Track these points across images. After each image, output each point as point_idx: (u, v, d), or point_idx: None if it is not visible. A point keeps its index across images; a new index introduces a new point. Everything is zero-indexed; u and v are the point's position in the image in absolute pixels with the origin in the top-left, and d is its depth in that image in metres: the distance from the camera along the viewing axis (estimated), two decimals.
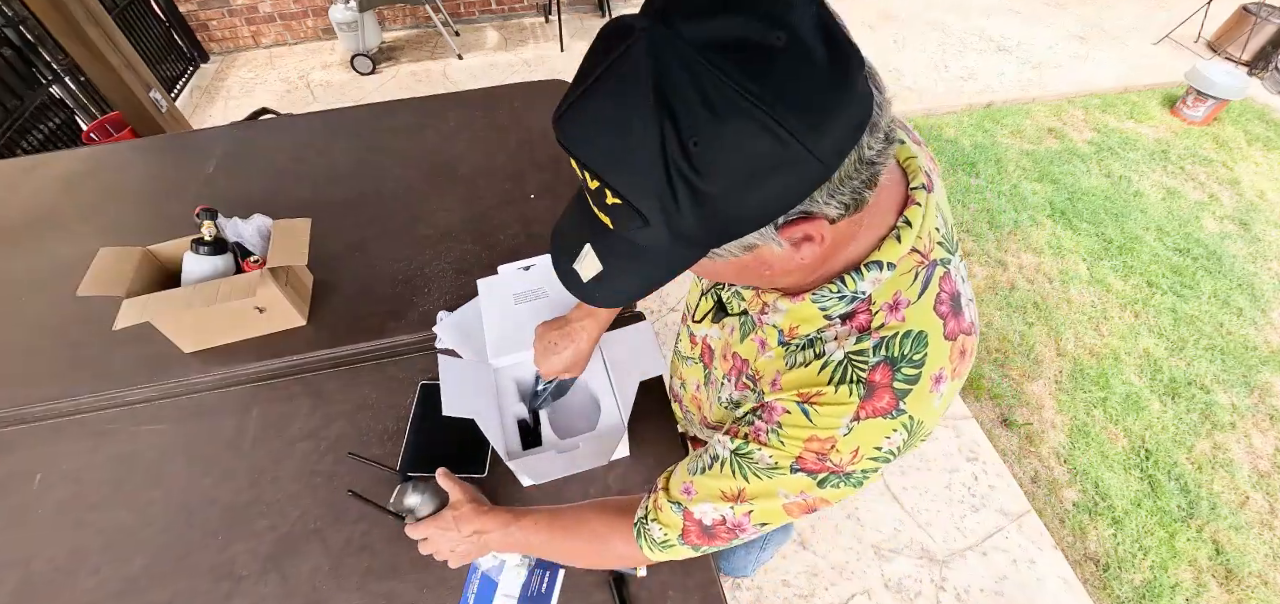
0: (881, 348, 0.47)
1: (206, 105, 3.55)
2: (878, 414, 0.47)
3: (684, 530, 0.59)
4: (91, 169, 1.49)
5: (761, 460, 0.52)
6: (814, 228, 0.38)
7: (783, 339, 0.54)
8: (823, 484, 0.50)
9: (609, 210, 0.38)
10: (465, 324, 1.02)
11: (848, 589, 1.64)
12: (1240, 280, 2.48)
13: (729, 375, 0.64)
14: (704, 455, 0.58)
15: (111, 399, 0.98)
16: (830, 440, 0.48)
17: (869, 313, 0.48)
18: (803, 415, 0.49)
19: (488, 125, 1.53)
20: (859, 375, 0.47)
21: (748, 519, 0.55)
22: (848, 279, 0.47)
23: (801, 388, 0.50)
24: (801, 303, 0.50)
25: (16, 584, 0.79)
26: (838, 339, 0.49)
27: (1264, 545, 1.75)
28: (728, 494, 0.55)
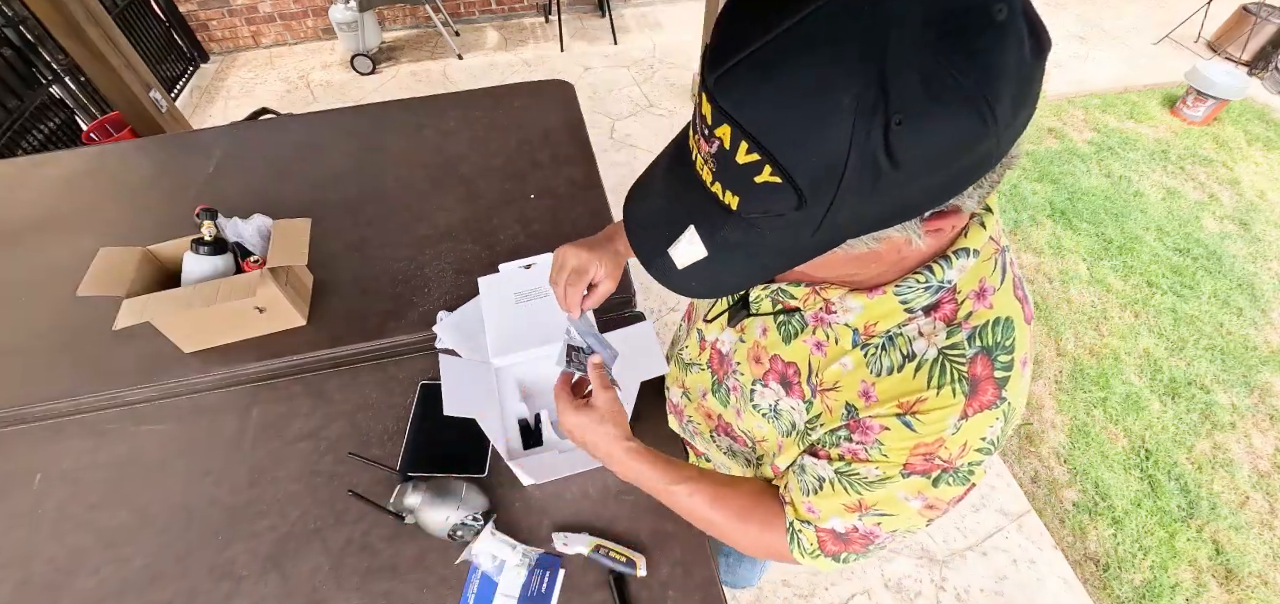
0: (975, 338, 0.46)
1: (206, 105, 3.55)
2: (983, 408, 0.45)
3: (820, 543, 0.57)
4: (91, 169, 1.49)
5: (868, 475, 0.50)
6: (950, 222, 0.36)
7: (859, 340, 0.50)
8: (936, 482, 0.49)
9: (748, 189, 0.34)
10: (465, 324, 1.02)
11: (848, 589, 1.63)
12: (1240, 280, 2.48)
13: (765, 381, 0.60)
14: (805, 475, 0.56)
15: (111, 399, 0.98)
16: (938, 441, 0.46)
17: (955, 302, 0.46)
18: (904, 428, 0.47)
19: (488, 125, 1.53)
20: (959, 371, 0.45)
21: (878, 527, 0.53)
22: (936, 268, 0.45)
23: (900, 398, 0.47)
24: (881, 297, 0.47)
25: (16, 584, 0.79)
26: (925, 335, 0.47)
27: (1264, 545, 1.75)
28: (850, 506, 0.53)
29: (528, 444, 0.85)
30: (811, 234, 0.35)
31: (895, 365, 0.48)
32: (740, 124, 0.32)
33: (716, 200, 0.36)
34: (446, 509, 0.74)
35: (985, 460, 0.48)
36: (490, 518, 0.78)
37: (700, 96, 0.34)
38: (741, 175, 0.33)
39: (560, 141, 1.47)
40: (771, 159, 0.31)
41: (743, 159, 0.33)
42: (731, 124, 0.32)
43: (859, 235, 0.36)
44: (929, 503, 0.51)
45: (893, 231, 0.36)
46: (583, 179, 1.35)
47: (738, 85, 0.31)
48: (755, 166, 0.32)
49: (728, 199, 0.35)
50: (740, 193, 0.34)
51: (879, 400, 0.48)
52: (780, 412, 0.60)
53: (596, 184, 1.34)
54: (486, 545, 0.74)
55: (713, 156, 0.35)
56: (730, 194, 0.35)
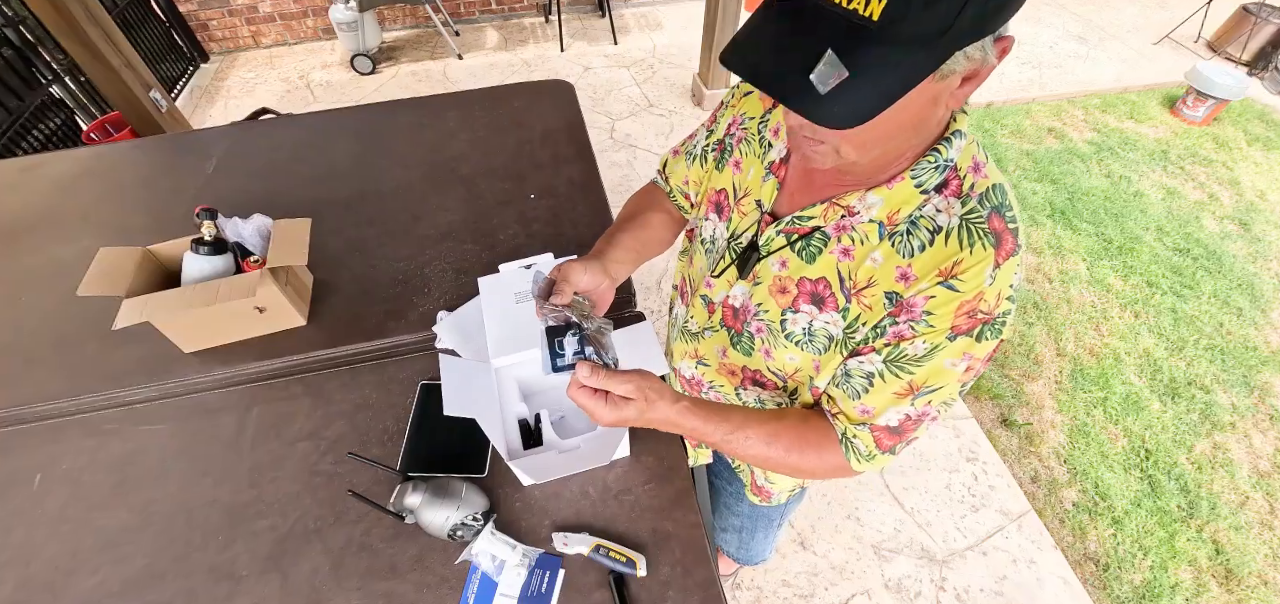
0: (984, 201, 0.53)
1: (206, 105, 3.55)
2: (1008, 255, 0.52)
3: (876, 441, 0.62)
4: (91, 169, 1.49)
5: (916, 351, 0.56)
6: (1002, 51, 0.43)
7: (885, 231, 0.57)
8: (979, 337, 0.54)
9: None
10: (465, 324, 1.02)
11: (848, 589, 1.63)
12: (1240, 280, 2.48)
13: (795, 306, 0.64)
14: (852, 380, 0.61)
15: (111, 399, 0.98)
16: (978, 295, 0.52)
17: (958, 178, 0.54)
18: (948, 291, 0.53)
19: (488, 125, 1.53)
20: (982, 229, 0.52)
21: (928, 406, 0.59)
22: (941, 148, 0.53)
23: (938, 267, 0.53)
24: (899, 184, 0.54)
25: (16, 584, 0.79)
26: (942, 210, 0.54)
27: (1264, 545, 1.75)
28: (901, 393, 0.58)
29: (528, 444, 0.85)
30: (933, 44, 0.39)
31: (925, 242, 0.54)
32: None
33: (853, 19, 0.39)
34: (446, 509, 0.74)
35: (1012, 311, 0.55)
36: (490, 518, 0.78)
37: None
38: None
39: (560, 141, 1.47)
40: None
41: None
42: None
43: (965, 46, 0.40)
44: (969, 363, 0.56)
45: (974, 50, 0.41)
46: (583, 179, 1.35)
47: None
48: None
49: (871, 10, 0.38)
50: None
51: (919, 277, 0.54)
52: (814, 332, 0.64)
53: (596, 184, 1.34)
54: (486, 545, 0.74)
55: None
56: (877, 2, 0.38)
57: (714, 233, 0.75)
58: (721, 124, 0.76)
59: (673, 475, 0.85)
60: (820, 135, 0.50)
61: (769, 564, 1.67)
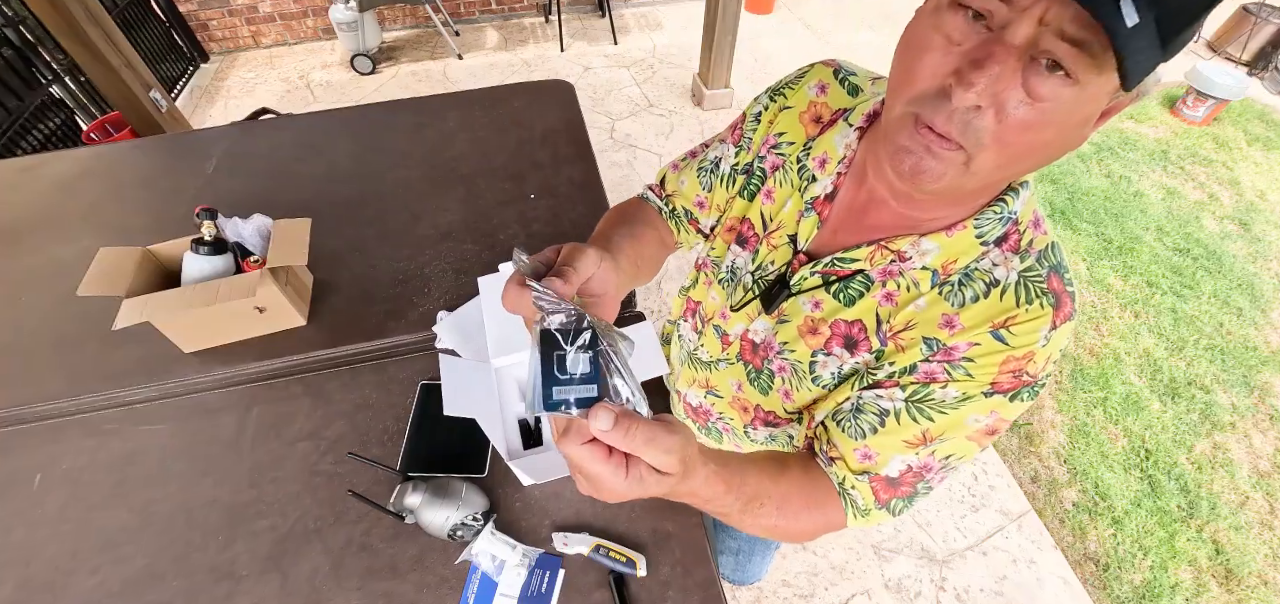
0: (1043, 259, 0.50)
1: (206, 105, 3.55)
2: (1065, 320, 0.49)
3: (875, 492, 0.58)
4: (91, 169, 1.49)
5: (946, 397, 0.52)
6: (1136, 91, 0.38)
7: (937, 280, 0.53)
8: (1014, 399, 0.51)
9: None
10: (465, 324, 1.02)
11: (848, 589, 1.63)
12: (1240, 280, 2.48)
13: (827, 349, 0.60)
14: (863, 415, 0.56)
15: (111, 399, 0.98)
16: (1028, 354, 0.49)
17: (1018, 233, 0.51)
18: (997, 342, 0.50)
19: (488, 125, 1.53)
20: (1042, 288, 0.49)
21: (933, 458, 0.55)
22: (1007, 199, 0.50)
23: (990, 319, 0.50)
24: (960, 233, 0.51)
25: (16, 584, 0.79)
26: (999, 264, 0.51)
27: (1264, 545, 1.75)
28: (911, 441, 0.54)
29: (528, 444, 0.85)
30: (1164, 47, 0.34)
31: (979, 294, 0.51)
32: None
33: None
34: (446, 509, 0.74)
35: (1053, 372, 0.53)
36: (490, 518, 0.78)
37: None
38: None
39: (560, 141, 1.47)
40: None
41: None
42: None
43: (1169, 58, 0.35)
44: (993, 426, 0.52)
45: (1160, 71, 0.37)
46: (583, 179, 1.35)
47: None
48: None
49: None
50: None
51: (966, 326, 0.51)
52: (843, 373, 0.61)
53: (596, 184, 1.34)
54: (486, 545, 0.74)
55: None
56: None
57: (734, 263, 0.70)
58: (752, 143, 0.68)
59: None
60: (966, 136, 0.41)
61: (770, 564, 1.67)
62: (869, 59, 3.91)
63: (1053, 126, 0.40)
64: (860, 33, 4.16)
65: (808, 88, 0.65)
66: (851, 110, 0.61)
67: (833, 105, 0.63)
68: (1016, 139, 0.41)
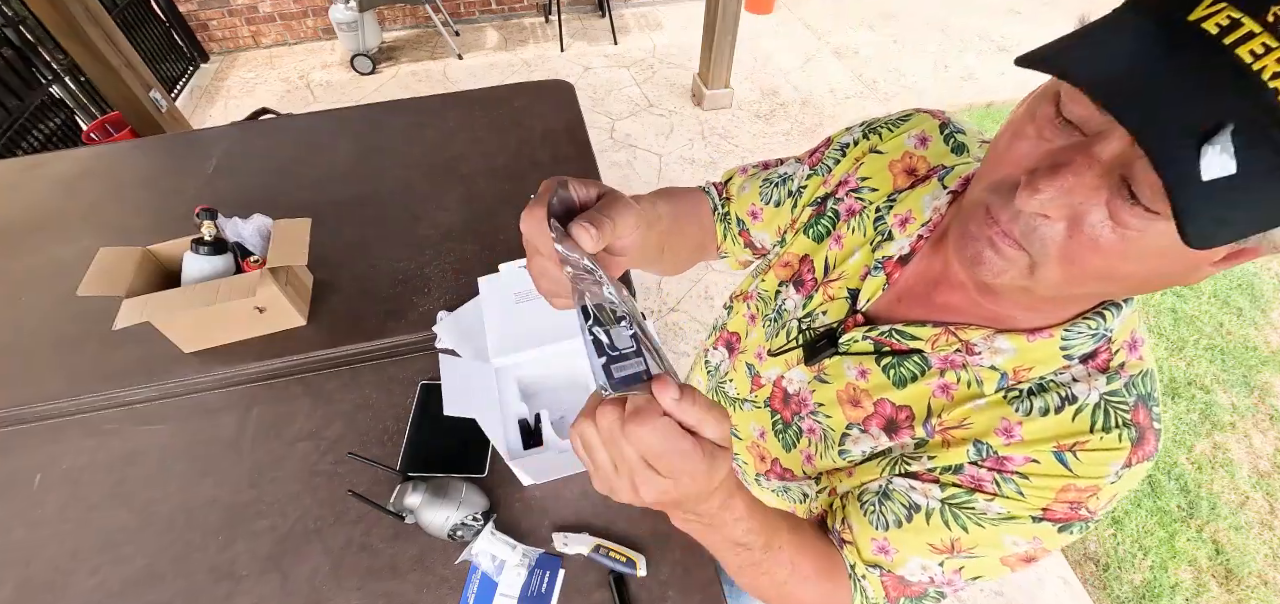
0: (1132, 388, 0.44)
1: (206, 105, 3.55)
2: (1145, 458, 0.43)
3: (886, 588, 0.52)
4: (91, 169, 1.49)
5: (989, 511, 0.46)
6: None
7: (1006, 383, 0.46)
8: (1063, 530, 0.45)
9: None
10: (465, 324, 1.02)
11: None
12: (1240, 280, 2.48)
13: (865, 426, 0.54)
14: (891, 503, 0.50)
15: (111, 399, 0.98)
16: (1092, 488, 0.43)
17: (1109, 352, 0.45)
18: (1060, 465, 0.43)
19: (488, 125, 1.53)
20: (1124, 418, 0.43)
21: (959, 575, 0.49)
22: (1107, 314, 0.43)
23: (1059, 439, 0.44)
24: (1043, 341, 0.44)
25: (16, 584, 0.79)
26: (1081, 381, 0.44)
27: (1264, 545, 1.75)
28: (938, 546, 0.48)
29: (528, 444, 0.85)
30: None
31: (1051, 407, 0.44)
32: None
33: (1271, 100, 0.26)
34: (446, 509, 0.74)
35: (1114, 510, 0.46)
36: (490, 518, 0.78)
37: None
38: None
39: (560, 141, 1.47)
40: None
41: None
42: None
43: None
44: (1031, 554, 0.47)
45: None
46: None
47: None
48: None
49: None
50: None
51: (1027, 440, 0.45)
52: (873, 455, 0.54)
53: None
54: (486, 545, 0.74)
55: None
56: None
57: (785, 304, 0.64)
58: (832, 176, 0.62)
59: None
60: (1030, 241, 0.36)
61: None
62: (869, 58, 3.92)
63: (1135, 259, 0.33)
64: (860, 32, 4.16)
65: (906, 136, 0.58)
66: (950, 170, 0.54)
67: (931, 160, 0.56)
68: (1087, 260, 0.35)
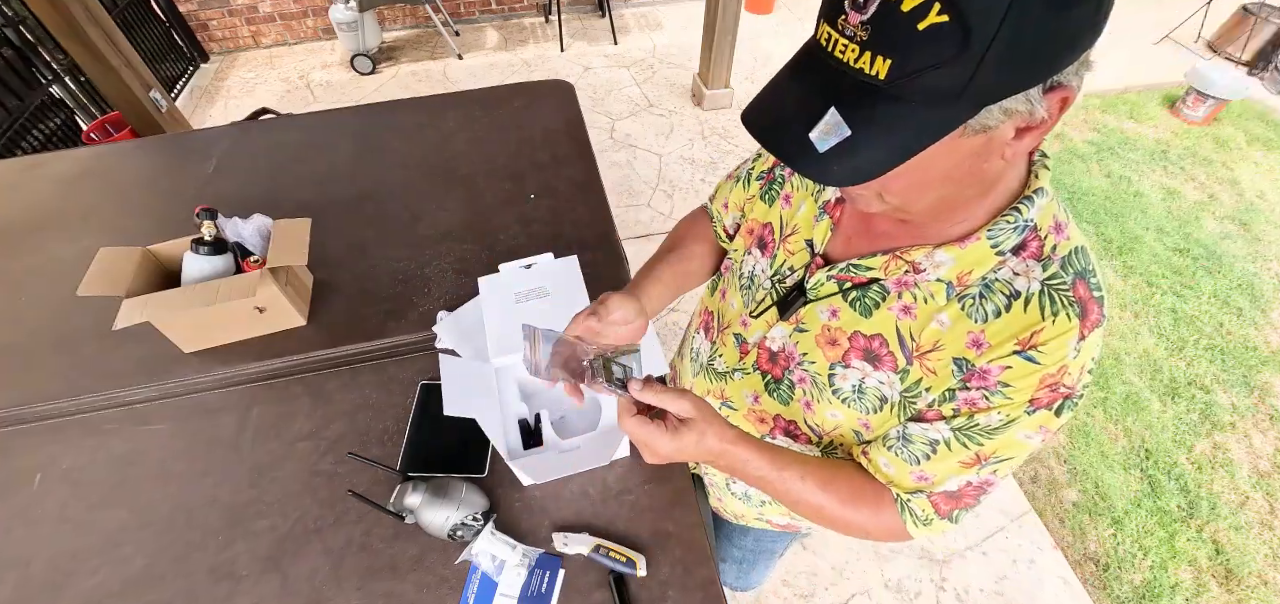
0: (1067, 266, 0.49)
1: (206, 105, 3.55)
2: (1094, 327, 0.48)
3: (935, 506, 0.59)
4: (91, 169, 1.49)
5: (990, 422, 0.52)
6: (1061, 101, 0.38)
7: (954, 292, 0.52)
8: (1059, 411, 0.51)
9: (908, 42, 0.35)
10: (465, 324, 1.02)
11: (848, 589, 1.63)
12: (1240, 280, 2.48)
13: (846, 361, 0.60)
14: (912, 445, 0.57)
15: (111, 399, 0.98)
16: (1061, 369, 0.49)
17: (1038, 239, 0.50)
18: (1028, 363, 0.49)
19: (488, 125, 1.53)
20: (1067, 297, 0.48)
21: (995, 475, 0.56)
22: (1021, 208, 0.49)
23: (1016, 336, 0.49)
24: (974, 244, 0.50)
25: (16, 584, 0.79)
26: (1020, 274, 0.50)
27: (1264, 545, 1.75)
28: (966, 463, 0.54)
29: (528, 444, 0.85)
30: (954, 100, 0.37)
31: (1001, 308, 0.50)
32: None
33: (860, 77, 0.38)
34: (446, 509, 0.74)
35: (1090, 382, 0.52)
36: (490, 518, 0.78)
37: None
38: (903, 27, 0.35)
39: (560, 141, 1.47)
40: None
41: (909, 4, 0.34)
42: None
43: (998, 100, 0.37)
44: (1047, 434, 0.52)
45: (1018, 103, 0.37)
46: (583, 179, 1.35)
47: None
48: (922, 9, 0.34)
49: (877, 67, 0.37)
50: (895, 52, 0.36)
51: (993, 345, 0.50)
52: (866, 390, 0.59)
53: (596, 184, 1.34)
54: (486, 545, 0.74)
55: (867, 22, 0.36)
56: (881, 60, 0.36)
57: (754, 269, 0.71)
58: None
59: (673, 475, 0.85)
60: (863, 197, 0.48)
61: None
62: None
63: (911, 176, 0.42)
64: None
65: None
66: None
67: None
68: (897, 185, 0.45)
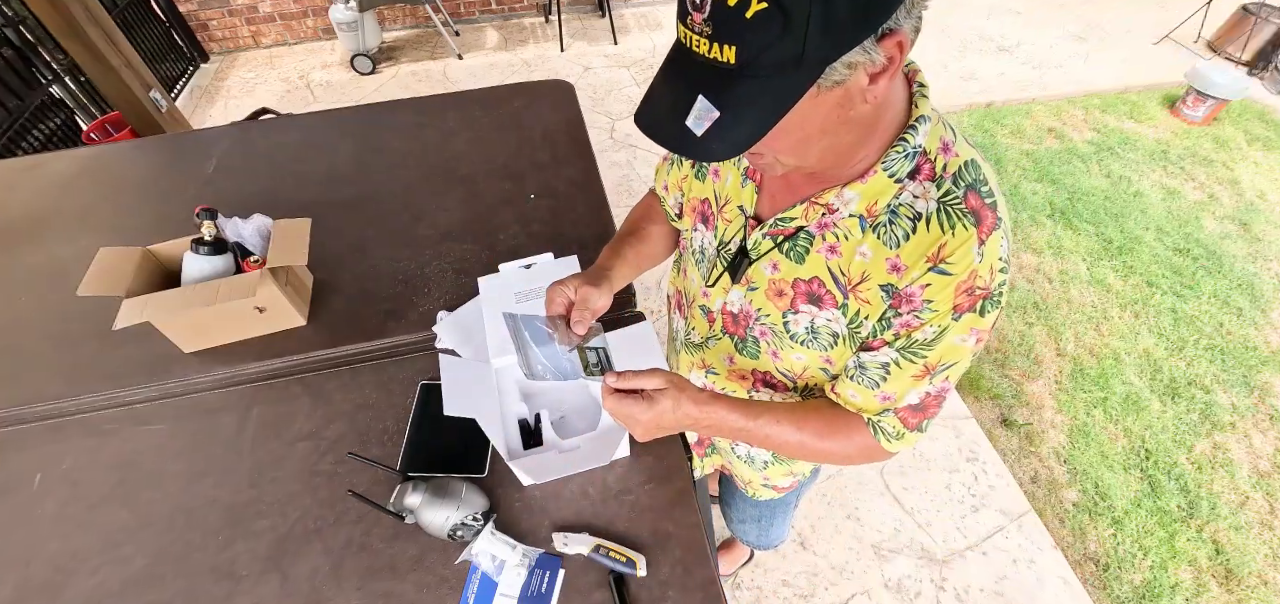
0: (958, 180, 0.54)
1: (206, 105, 3.55)
2: (991, 231, 0.53)
3: (902, 420, 0.64)
4: (91, 169, 1.49)
5: (926, 336, 0.57)
6: (896, 43, 0.42)
7: (866, 224, 0.57)
8: (982, 312, 0.55)
9: (743, 30, 0.39)
10: (465, 324, 1.02)
11: (848, 589, 1.63)
12: (1240, 280, 2.48)
13: (794, 307, 0.65)
14: (867, 372, 0.62)
15: (111, 399, 0.98)
16: (971, 273, 0.53)
17: (929, 162, 0.55)
18: (940, 276, 0.54)
19: (488, 125, 1.53)
20: (960, 209, 0.53)
21: (946, 381, 0.61)
22: (907, 136, 0.53)
23: (925, 254, 0.54)
24: (873, 178, 0.55)
25: (16, 584, 0.79)
26: (919, 197, 0.55)
27: (1264, 545, 1.75)
28: (917, 376, 0.60)
29: (528, 444, 0.85)
30: (797, 66, 0.41)
31: (908, 231, 0.55)
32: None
33: (716, 65, 0.42)
34: (446, 509, 0.74)
35: (1007, 279, 0.56)
36: (490, 518, 0.78)
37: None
38: (733, 18, 0.39)
39: (560, 141, 1.47)
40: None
41: (732, 1, 0.39)
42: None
43: (832, 61, 0.41)
44: (980, 334, 0.58)
45: (856, 55, 0.41)
46: (583, 179, 1.35)
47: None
48: (744, 3, 0.38)
49: (726, 55, 0.41)
50: (736, 39, 0.40)
51: (909, 266, 0.55)
52: (818, 330, 0.65)
53: (596, 184, 1.34)
54: (486, 545, 0.74)
55: (707, 19, 0.40)
56: (727, 48, 0.41)
57: (703, 243, 0.76)
58: None
59: (673, 475, 0.85)
60: (754, 151, 0.51)
61: (769, 564, 1.67)
62: None
63: (790, 137, 0.47)
64: None
65: None
66: None
67: None
68: (784, 147, 0.50)
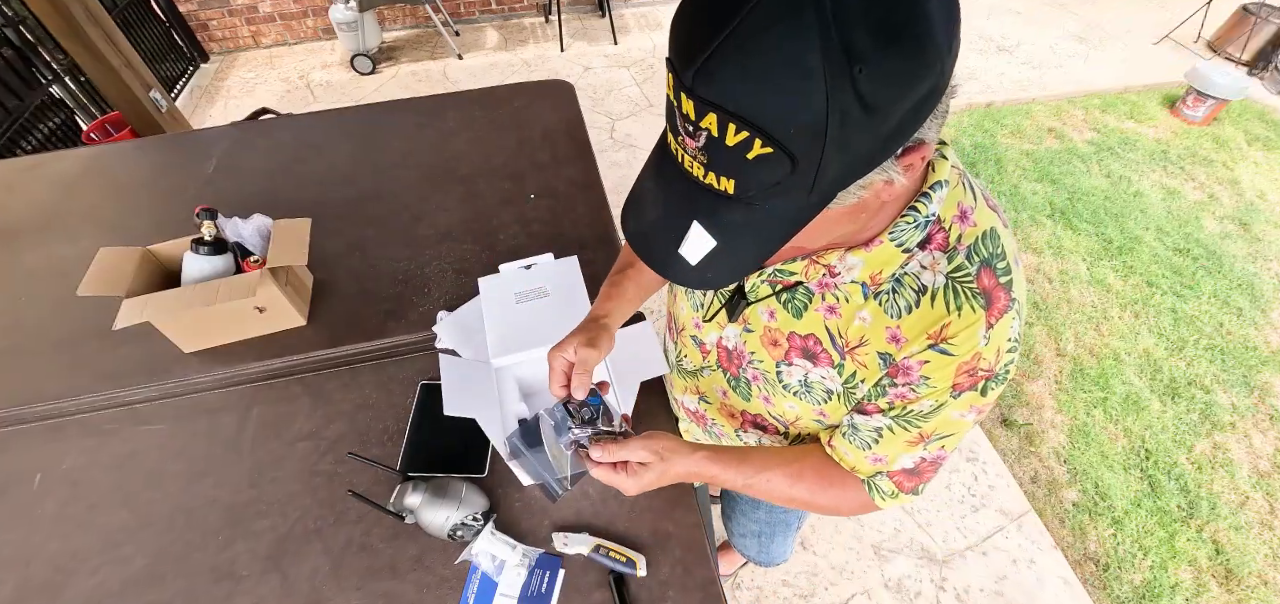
0: (973, 255, 0.50)
1: (206, 105, 3.55)
2: (1001, 313, 0.49)
3: (897, 483, 0.62)
4: (91, 169, 1.49)
5: (921, 409, 0.54)
6: (919, 156, 0.39)
7: (868, 291, 0.54)
8: (984, 391, 0.53)
9: (743, 168, 0.36)
10: (465, 324, 1.02)
11: (848, 589, 1.63)
12: (1240, 280, 2.48)
13: (788, 359, 0.63)
14: (860, 433, 0.60)
15: (111, 399, 0.98)
16: (975, 356, 0.50)
17: (943, 231, 0.51)
18: (942, 355, 0.51)
19: (488, 125, 1.53)
20: (970, 289, 0.49)
21: (942, 449, 0.58)
22: (919, 205, 0.49)
23: (927, 331, 0.51)
24: (879, 247, 0.51)
25: (16, 584, 0.79)
26: (927, 267, 0.51)
27: (1264, 545, 1.75)
28: (912, 442, 0.57)
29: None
30: (807, 195, 0.37)
31: (911, 303, 0.51)
32: (725, 109, 0.34)
33: (712, 190, 0.38)
34: (446, 509, 0.74)
35: (1014, 359, 0.52)
36: (490, 518, 0.78)
37: (678, 97, 0.36)
38: (734, 157, 0.35)
39: (560, 141, 1.47)
40: (760, 133, 0.33)
41: (732, 141, 0.35)
42: (716, 111, 0.34)
43: (847, 185, 0.38)
44: (977, 414, 0.55)
45: (874, 175, 0.38)
46: (583, 179, 1.35)
47: (716, 74, 0.33)
48: (746, 144, 0.34)
49: (723, 185, 0.38)
50: (735, 174, 0.37)
51: (909, 340, 0.52)
52: (811, 384, 0.62)
53: (596, 184, 1.34)
54: (486, 545, 0.74)
55: (702, 149, 0.37)
56: (725, 179, 0.37)
57: None
58: None
59: None
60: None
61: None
62: None
63: (806, 238, 0.42)
64: None
65: None
66: None
67: None
68: (792, 249, 0.44)
